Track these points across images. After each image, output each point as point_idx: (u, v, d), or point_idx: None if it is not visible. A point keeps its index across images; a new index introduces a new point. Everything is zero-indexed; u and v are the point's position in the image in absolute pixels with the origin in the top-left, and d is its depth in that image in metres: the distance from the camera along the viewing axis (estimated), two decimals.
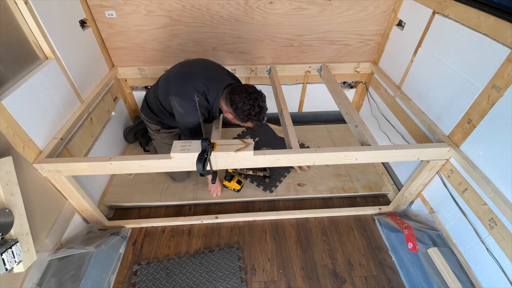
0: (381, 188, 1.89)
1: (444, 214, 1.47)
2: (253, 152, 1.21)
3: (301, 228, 1.68)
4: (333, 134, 2.38)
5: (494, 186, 1.14)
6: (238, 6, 1.74)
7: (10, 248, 0.96)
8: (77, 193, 1.39)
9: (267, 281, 1.44)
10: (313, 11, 1.79)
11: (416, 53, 1.62)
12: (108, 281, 1.41)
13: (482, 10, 1.19)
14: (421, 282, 1.37)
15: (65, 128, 1.43)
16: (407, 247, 1.46)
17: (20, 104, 1.17)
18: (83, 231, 1.54)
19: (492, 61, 1.15)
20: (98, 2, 1.66)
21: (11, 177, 1.05)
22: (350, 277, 1.46)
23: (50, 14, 1.35)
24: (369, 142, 1.33)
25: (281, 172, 1.99)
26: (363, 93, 2.28)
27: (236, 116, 1.37)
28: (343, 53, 2.04)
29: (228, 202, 1.83)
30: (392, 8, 1.81)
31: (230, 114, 1.40)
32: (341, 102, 1.67)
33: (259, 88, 1.60)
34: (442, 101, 1.44)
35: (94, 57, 1.76)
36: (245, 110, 1.33)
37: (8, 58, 1.17)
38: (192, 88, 1.38)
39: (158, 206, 1.81)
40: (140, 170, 1.28)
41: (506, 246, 1.11)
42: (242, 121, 1.40)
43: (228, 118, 1.46)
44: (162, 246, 1.58)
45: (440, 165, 1.40)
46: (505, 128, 1.10)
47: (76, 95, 1.57)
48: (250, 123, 1.41)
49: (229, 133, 2.38)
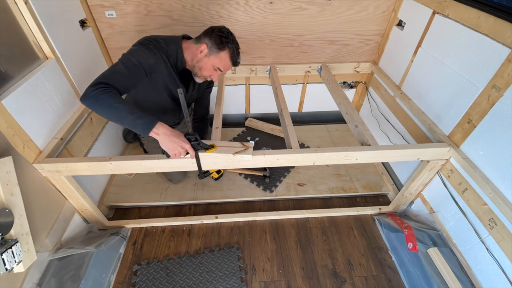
0: (381, 188, 1.89)
1: (444, 214, 1.47)
2: (252, 154, 1.22)
3: (301, 228, 1.68)
4: (333, 134, 2.38)
5: (494, 186, 1.14)
6: (238, 6, 1.74)
7: (10, 248, 0.96)
8: (77, 193, 1.39)
9: (267, 281, 1.44)
10: (313, 11, 1.79)
11: (416, 53, 1.62)
12: (108, 281, 1.40)
13: (482, 10, 1.19)
14: (421, 282, 1.37)
15: (65, 128, 1.43)
16: (407, 247, 1.46)
17: (20, 104, 1.17)
18: (83, 231, 1.53)
19: (492, 61, 1.15)
20: (98, 2, 1.66)
21: (11, 177, 1.05)
22: (350, 277, 1.46)
23: (50, 14, 1.35)
24: (369, 142, 1.33)
25: (281, 172, 1.99)
26: (363, 93, 2.28)
27: (212, 41, 1.21)
28: (343, 53, 2.04)
29: (228, 202, 1.83)
30: (392, 8, 1.81)
31: (205, 47, 1.23)
32: (341, 102, 1.67)
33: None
34: (442, 101, 1.44)
35: (94, 57, 1.76)
36: (223, 32, 1.22)
37: (8, 58, 1.17)
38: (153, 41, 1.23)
39: (158, 206, 1.81)
40: (140, 170, 1.28)
41: (506, 246, 1.11)
42: (218, 47, 1.22)
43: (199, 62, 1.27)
44: (162, 246, 1.58)
45: (440, 165, 1.40)
46: (505, 128, 1.10)
47: (76, 95, 1.57)
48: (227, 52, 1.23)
49: (229, 133, 2.38)
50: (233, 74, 2.08)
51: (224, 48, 1.23)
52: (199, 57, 1.26)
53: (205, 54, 1.24)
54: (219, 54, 1.24)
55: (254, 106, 2.41)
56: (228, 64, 1.29)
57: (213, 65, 1.27)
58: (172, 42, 1.26)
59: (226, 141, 1.28)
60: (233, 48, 1.24)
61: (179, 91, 1.02)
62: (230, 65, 1.29)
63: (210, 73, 1.30)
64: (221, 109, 1.59)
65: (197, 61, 1.28)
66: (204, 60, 1.26)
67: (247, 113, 2.47)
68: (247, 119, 2.45)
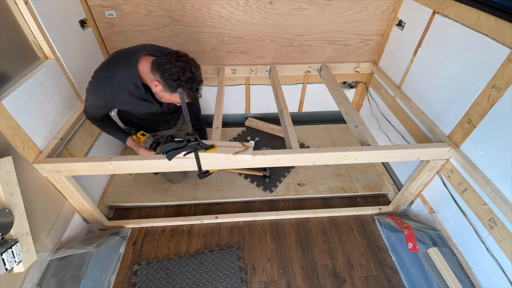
0: (381, 188, 1.89)
1: (444, 214, 1.47)
2: (252, 154, 1.22)
3: (301, 228, 1.68)
4: (333, 134, 2.38)
5: (494, 186, 1.14)
6: (238, 6, 1.74)
7: (10, 248, 0.96)
8: (77, 193, 1.39)
9: (267, 281, 1.44)
10: (313, 11, 1.79)
11: (416, 53, 1.62)
12: (108, 281, 1.40)
13: (482, 10, 1.19)
14: (421, 282, 1.37)
15: (65, 128, 1.43)
16: (407, 247, 1.46)
17: (20, 104, 1.17)
18: (83, 231, 1.54)
19: (492, 61, 1.15)
20: (98, 2, 1.66)
21: (11, 177, 1.05)
22: (350, 277, 1.46)
23: (50, 14, 1.35)
24: (369, 142, 1.33)
25: (281, 172, 1.99)
26: (363, 93, 2.28)
27: (163, 83, 1.13)
28: (343, 53, 2.04)
29: (228, 202, 1.83)
30: (392, 8, 1.81)
31: (158, 83, 1.16)
32: (341, 102, 1.67)
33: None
34: (442, 101, 1.44)
35: (94, 57, 1.76)
36: (174, 73, 1.10)
37: (8, 58, 1.17)
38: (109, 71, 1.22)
39: (158, 206, 1.81)
40: (140, 170, 1.28)
41: (506, 246, 1.11)
42: (170, 89, 1.14)
43: (157, 94, 1.24)
44: (162, 246, 1.58)
45: (440, 165, 1.40)
46: (505, 128, 1.10)
47: (76, 95, 1.57)
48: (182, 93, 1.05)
49: (229, 133, 2.38)
50: (233, 74, 2.08)
51: (176, 91, 1.13)
52: (155, 90, 1.21)
53: (160, 90, 1.18)
54: (173, 95, 1.18)
55: (254, 106, 2.41)
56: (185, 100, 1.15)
57: (171, 99, 1.23)
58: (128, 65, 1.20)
59: (226, 141, 1.28)
60: (187, 89, 1.14)
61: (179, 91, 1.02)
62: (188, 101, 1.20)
63: (171, 102, 1.27)
64: (221, 109, 1.59)
65: (155, 92, 1.24)
66: (160, 94, 1.22)
67: (247, 113, 2.47)
68: (247, 119, 2.45)
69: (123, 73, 1.21)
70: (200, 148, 1.16)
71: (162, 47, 1.33)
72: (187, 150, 1.13)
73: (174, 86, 1.12)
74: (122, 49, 1.29)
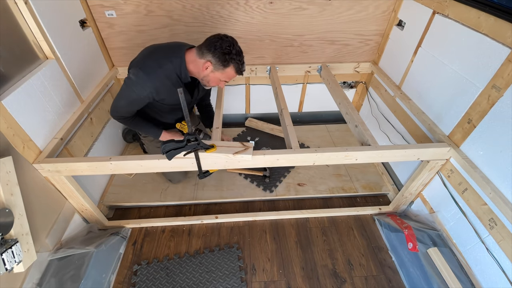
0: (381, 188, 1.89)
1: (444, 214, 1.47)
2: (252, 154, 1.22)
3: (301, 228, 1.68)
4: (333, 134, 2.38)
5: (494, 186, 1.14)
6: (238, 6, 1.74)
7: (10, 248, 0.96)
8: (77, 193, 1.39)
9: (267, 281, 1.44)
10: (313, 11, 1.79)
11: (416, 53, 1.62)
12: (108, 281, 1.40)
13: (482, 10, 1.19)
14: (421, 282, 1.37)
15: (65, 128, 1.43)
16: (407, 247, 1.46)
17: (20, 104, 1.17)
18: (83, 231, 1.53)
19: (492, 61, 1.15)
20: (98, 2, 1.66)
21: (11, 177, 1.05)
22: (350, 277, 1.46)
23: (50, 14, 1.35)
24: (369, 142, 1.33)
25: (281, 172, 1.99)
26: (363, 93, 2.28)
27: (216, 60, 1.24)
28: (343, 53, 2.04)
29: (228, 202, 1.83)
30: (392, 8, 1.81)
31: (209, 64, 1.26)
32: (341, 102, 1.67)
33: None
34: (442, 101, 1.44)
35: (94, 57, 1.76)
36: (225, 47, 1.22)
37: (8, 58, 1.17)
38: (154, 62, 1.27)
39: (158, 206, 1.81)
40: (140, 170, 1.28)
41: (506, 246, 1.11)
42: (223, 64, 1.25)
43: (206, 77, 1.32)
44: (162, 246, 1.58)
45: (440, 165, 1.40)
46: (505, 128, 1.10)
47: (76, 95, 1.57)
48: (232, 67, 1.27)
49: (228, 133, 2.38)
50: None
51: (229, 64, 1.26)
52: (205, 73, 1.30)
53: (211, 70, 1.29)
54: (225, 70, 1.28)
55: (254, 106, 2.41)
56: (234, 76, 1.34)
57: (219, 78, 1.33)
58: (175, 56, 1.29)
59: (226, 141, 1.28)
60: (237, 62, 1.26)
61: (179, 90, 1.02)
62: (234, 75, 1.34)
63: (216, 83, 1.37)
64: (221, 109, 1.59)
65: (203, 76, 1.32)
66: (210, 75, 1.31)
67: (247, 113, 2.47)
68: (247, 119, 2.45)
69: (170, 64, 1.28)
70: (200, 148, 1.16)
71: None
72: (187, 150, 1.13)
73: (227, 60, 1.23)
74: (157, 44, 1.36)
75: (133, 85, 1.27)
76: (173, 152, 1.12)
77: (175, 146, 1.11)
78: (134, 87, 1.27)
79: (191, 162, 1.23)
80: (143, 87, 1.27)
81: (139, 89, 1.28)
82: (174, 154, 1.12)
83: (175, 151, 1.12)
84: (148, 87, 1.27)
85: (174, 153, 1.12)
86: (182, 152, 1.13)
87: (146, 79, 1.25)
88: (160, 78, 1.28)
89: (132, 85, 1.27)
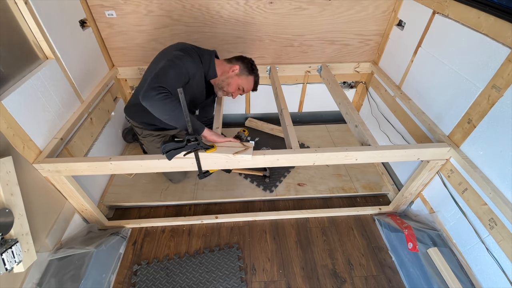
0: (381, 188, 1.89)
1: (444, 214, 1.47)
2: (252, 154, 1.22)
3: (301, 228, 1.68)
4: (333, 134, 2.38)
5: (494, 186, 1.14)
6: (238, 6, 1.74)
7: (10, 248, 0.96)
8: (77, 193, 1.39)
9: (267, 281, 1.44)
10: (313, 11, 1.79)
11: (416, 53, 1.62)
12: (108, 281, 1.40)
13: (482, 10, 1.19)
14: (421, 282, 1.37)
15: (65, 128, 1.43)
16: (407, 247, 1.46)
17: (20, 104, 1.17)
18: (83, 231, 1.53)
19: (492, 61, 1.15)
20: (98, 2, 1.66)
21: (11, 177, 1.05)
22: (350, 277, 1.46)
23: (50, 14, 1.35)
24: (369, 142, 1.33)
25: (281, 172, 1.99)
26: (363, 93, 2.28)
27: (244, 66, 1.47)
28: (343, 53, 2.04)
29: (228, 202, 1.83)
30: (392, 8, 1.81)
31: (237, 68, 1.45)
32: (341, 102, 1.67)
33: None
34: (442, 101, 1.44)
35: (94, 57, 1.76)
36: (252, 62, 1.51)
37: (8, 58, 1.17)
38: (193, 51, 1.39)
39: (158, 206, 1.81)
40: (140, 170, 1.28)
41: (506, 246, 1.11)
42: (249, 71, 1.48)
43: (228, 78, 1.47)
44: (162, 246, 1.58)
45: (440, 165, 1.40)
46: (505, 128, 1.10)
47: (76, 95, 1.57)
48: (253, 78, 1.52)
49: (228, 133, 2.37)
50: None
51: (252, 73, 1.51)
52: (230, 75, 1.46)
53: (236, 73, 1.46)
54: (248, 77, 1.49)
55: (254, 106, 2.41)
56: (251, 87, 1.55)
57: (239, 84, 1.49)
58: (206, 54, 1.44)
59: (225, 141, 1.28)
60: (258, 77, 1.54)
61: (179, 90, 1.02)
62: (251, 89, 1.56)
63: (234, 91, 1.51)
64: (221, 109, 1.59)
65: (226, 77, 1.47)
66: (234, 78, 1.47)
67: (247, 113, 2.47)
68: (247, 119, 2.45)
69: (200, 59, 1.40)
70: (200, 148, 1.16)
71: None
72: (187, 150, 1.13)
73: (254, 70, 1.51)
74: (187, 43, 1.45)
75: (185, 58, 1.31)
76: (173, 152, 1.12)
77: (175, 146, 1.11)
78: (186, 60, 1.31)
79: (191, 162, 1.23)
80: (193, 63, 1.34)
81: (190, 63, 1.32)
82: (174, 154, 1.13)
83: (175, 151, 1.12)
84: (194, 66, 1.34)
85: (174, 153, 1.13)
86: (182, 152, 1.13)
87: (190, 59, 1.33)
88: (199, 65, 1.38)
89: (184, 58, 1.30)
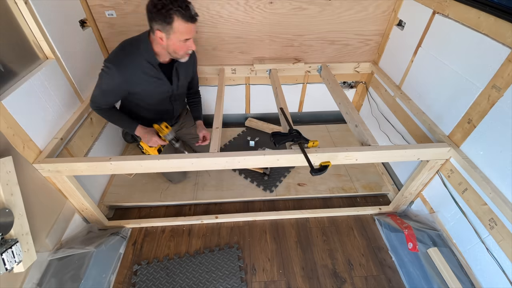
0: (381, 188, 1.89)
1: (444, 214, 1.47)
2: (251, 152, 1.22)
3: (301, 228, 1.68)
4: (333, 134, 2.38)
5: (494, 186, 1.14)
6: (238, 6, 1.74)
7: (10, 248, 0.96)
8: (78, 192, 1.39)
9: (267, 281, 1.44)
10: (313, 11, 1.79)
11: (416, 53, 1.62)
12: (108, 281, 1.40)
13: (482, 10, 1.19)
14: (421, 282, 1.37)
15: (65, 128, 1.43)
16: (407, 247, 1.46)
17: (20, 104, 1.17)
18: (83, 231, 1.53)
19: (492, 61, 1.15)
20: (98, 2, 1.66)
21: (11, 177, 1.05)
22: (350, 277, 1.46)
23: (50, 14, 1.35)
24: (369, 142, 1.33)
25: (281, 172, 1.99)
26: (363, 93, 2.28)
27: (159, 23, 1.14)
28: (343, 53, 2.04)
29: (228, 202, 1.83)
30: (392, 8, 1.81)
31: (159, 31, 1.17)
32: (341, 102, 1.67)
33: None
34: (442, 101, 1.44)
35: (94, 57, 1.76)
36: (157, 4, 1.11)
37: (8, 58, 1.17)
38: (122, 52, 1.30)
39: (158, 206, 1.81)
40: (140, 170, 1.28)
41: (506, 246, 1.11)
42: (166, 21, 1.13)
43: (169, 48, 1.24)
44: (162, 246, 1.58)
45: (440, 165, 1.40)
46: (505, 128, 1.10)
47: (76, 95, 1.57)
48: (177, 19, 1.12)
49: (228, 133, 2.38)
50: (233, 74, 2.08)
51: (171, 18, 1.12)
52: (164, 44, 1.23)
53: (166, 38, 1.20)
54: (173, 27, 1.15)
55: (254, 106, 2.41)
56: (188, 27, 1.17)
57: (179, 40, 1.20)
58: (141, 42, 1.30)
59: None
60: (179, 10, 1.11)
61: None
62: (190, 26, 1.18)
63: (184, 48, 1.25)
64: (221, 109, 1.59)
65: (168, 49, 1.26)
66: (169, 43, 1.22)
67: (247, 113, 2.47)
68: (247, 119, 2.45)
69: (137, 51, 1.29)
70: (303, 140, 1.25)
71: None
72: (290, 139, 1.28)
73: (166, 15, 1.11)
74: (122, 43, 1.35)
75: (102, 77, 1.31)
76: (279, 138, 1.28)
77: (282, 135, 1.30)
78: (104, 78, 1.30)
79: (191, 162, 1.23)
80: (112, 77, 1.29)
81: (109, 80, 1.30)
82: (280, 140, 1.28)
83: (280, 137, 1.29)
84: (116, 77, 1.28)
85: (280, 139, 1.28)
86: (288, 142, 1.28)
87: (115, 70, 1.27)
88: (128, 68, 1.29)
89: (101, 77, 1.31)
